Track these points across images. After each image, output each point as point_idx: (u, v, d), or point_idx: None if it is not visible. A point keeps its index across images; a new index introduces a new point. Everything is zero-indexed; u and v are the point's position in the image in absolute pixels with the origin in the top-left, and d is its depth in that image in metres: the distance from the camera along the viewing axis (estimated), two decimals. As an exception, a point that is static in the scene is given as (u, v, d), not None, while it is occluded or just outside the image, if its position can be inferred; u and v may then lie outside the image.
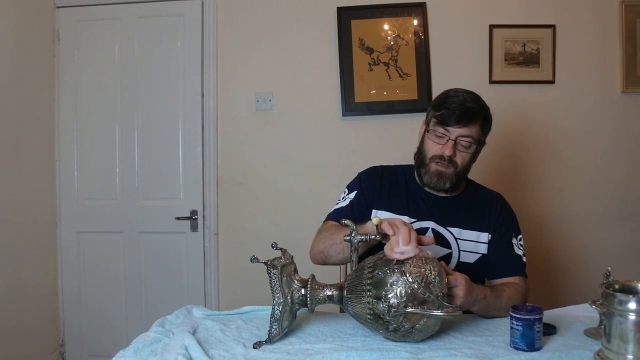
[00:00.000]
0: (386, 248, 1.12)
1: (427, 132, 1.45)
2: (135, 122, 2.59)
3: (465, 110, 1.38)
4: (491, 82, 2.43)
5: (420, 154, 1.47)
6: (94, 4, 2.59)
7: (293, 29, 2.52)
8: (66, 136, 2.62)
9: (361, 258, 1.20)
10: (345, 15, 2.46)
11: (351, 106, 2.47)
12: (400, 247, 1.09)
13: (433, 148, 1.42)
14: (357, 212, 1.45)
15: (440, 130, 1.40)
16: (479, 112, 1.40)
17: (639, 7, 2.41)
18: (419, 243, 1.13)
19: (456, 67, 2.44)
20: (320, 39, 2.50)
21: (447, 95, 1.43)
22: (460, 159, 1.41)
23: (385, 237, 1.16)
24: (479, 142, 1.43)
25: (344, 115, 2.48)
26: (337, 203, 1.55)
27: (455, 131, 1.39)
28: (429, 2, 2.44)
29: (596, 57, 2.44)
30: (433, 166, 1.42)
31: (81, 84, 2.61)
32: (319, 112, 2.51)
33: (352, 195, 1.52)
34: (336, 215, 1.48)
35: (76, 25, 2.60)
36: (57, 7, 2.60)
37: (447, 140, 1.39)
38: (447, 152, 1.39)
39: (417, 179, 1.51)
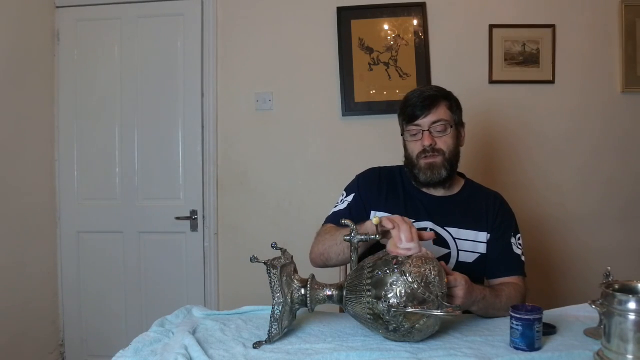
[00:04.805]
0: (389, 245, 1.12)
1: (404, 137, 1.50)
2: (135, 122, 2.59)
3: (425, 99, 1.44)
4: (491, 82, 2.43)
5: (407, 159, 1.50)
6: (94, 4, 2.59)
7: (293, 29, 2.52)
8: (66, 136, 2.62)
9: (361, 258, 1.20)
10: (345, 15, 2.46)
11: (351, 106, 2.47)
12: (404, 243, 1.10)
13: (415, 147, 1.46)
14: (355, 215, 1.45)
15: (412, 127, 1.46)
16: (438, 95, 1.46)
17: (639, 7, 2.41)
18: (420, 239, 1.13)
19: (456, 67, 2.44)
20: (320, 39, 2.50)
21: (406, 97, 1.50)
22: (443, 144, 1.44)
23: (386, 235, 1.17)
24: (455, 123, 1.46)
25: (344, 115, 2.48)
26: (336, 206, 1.55)
27: (424, 121, 1.43)
28: (429, 2, 2.44)
29: (596, 57, 2.44)
30: (422, 162, 1.44)
31: (81, 84, 2.61)
32: (319, 112, 2.51)
33: (350, 198, 1.53)
34: (334, 219, 1.49)
35: (76, 25, 2.60)
36: (57, 7, 2.60)
37: (422, 133, 1.43)
38: (426, 142, 1.43)
39: (414, 183, 1.51)
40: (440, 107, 1.44)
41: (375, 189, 1.52)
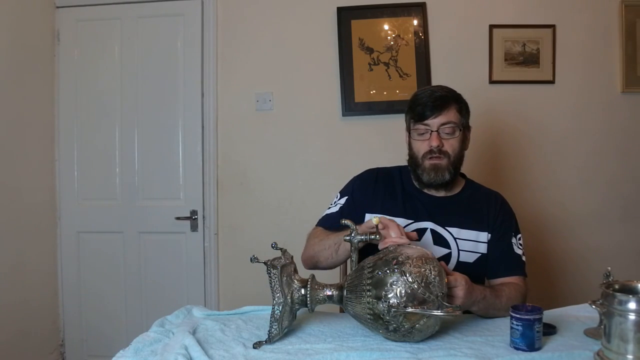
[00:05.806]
0: (380, 244, 1.19)
1: (410, 135, 1.49)
2: (135, 122, 2.59)
3: (436, 99, 1.42)
4: (491, 82, 2.43)
5: (411, 158, 1.49)
6: (94, 4, 2.59)
7: (293, 29, 2.52)
8: (66, 136, 2.62)
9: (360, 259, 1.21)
10: (345, 15, 2.46)
11: (351, 106, 2.47)
12: (393, 238, 1.18)
13: (421, 146, 1.45)
14: (346, 218, 1.45)
15: (420, 126, 1.44)
16: (449, 97, 1.45)
17: (639, 7, 2.41)
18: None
19: (456, 67, 2.44)
20: (320, 39, 2.50)
21: (415, 95, 1.48)
22: (449, 147, 1.43)
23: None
24: (462, 126, 1.46)
25: (344, 115, 2.48)
26: (329, 208, 1.56)
27: (434, 122, 1.42)
28: (429, 2, 2.44)
29: (596, 57, 2.44)
30: (427, 163, 1.44)
31: (81, 84, 2.61)
32: (319, 112, 2.51)
33: (343, 201, 1.54)
34: (326, 221, 1.51)
35: (76, 25, 2.60)
36: (57, 7, 2.60)
37: (430, 133, 1.42)
38: (434, 143, 1.41)
39: (415, 183, 1.51)
40: (450, 109, 1.43)
41: (370, 192, 1.52)
